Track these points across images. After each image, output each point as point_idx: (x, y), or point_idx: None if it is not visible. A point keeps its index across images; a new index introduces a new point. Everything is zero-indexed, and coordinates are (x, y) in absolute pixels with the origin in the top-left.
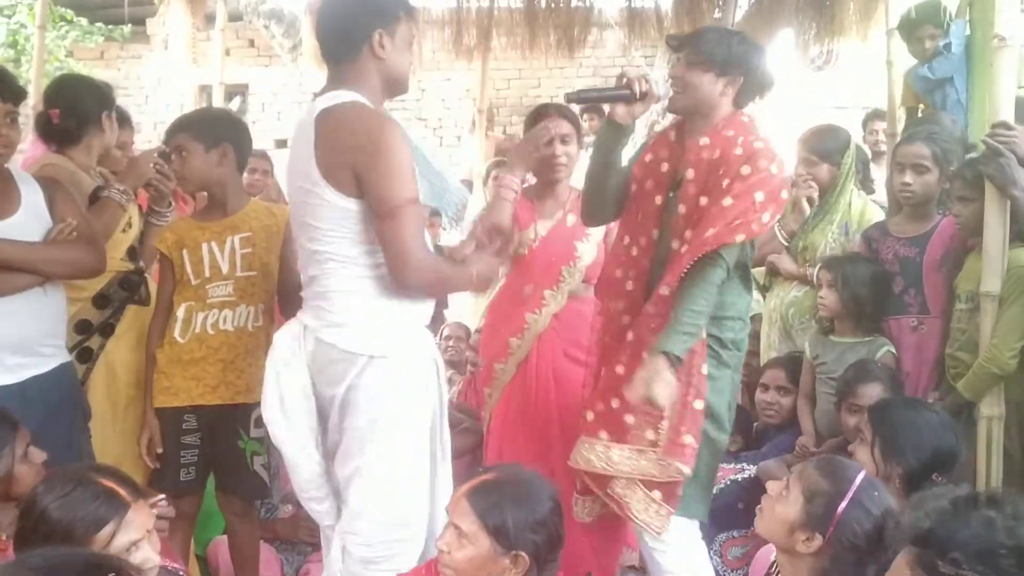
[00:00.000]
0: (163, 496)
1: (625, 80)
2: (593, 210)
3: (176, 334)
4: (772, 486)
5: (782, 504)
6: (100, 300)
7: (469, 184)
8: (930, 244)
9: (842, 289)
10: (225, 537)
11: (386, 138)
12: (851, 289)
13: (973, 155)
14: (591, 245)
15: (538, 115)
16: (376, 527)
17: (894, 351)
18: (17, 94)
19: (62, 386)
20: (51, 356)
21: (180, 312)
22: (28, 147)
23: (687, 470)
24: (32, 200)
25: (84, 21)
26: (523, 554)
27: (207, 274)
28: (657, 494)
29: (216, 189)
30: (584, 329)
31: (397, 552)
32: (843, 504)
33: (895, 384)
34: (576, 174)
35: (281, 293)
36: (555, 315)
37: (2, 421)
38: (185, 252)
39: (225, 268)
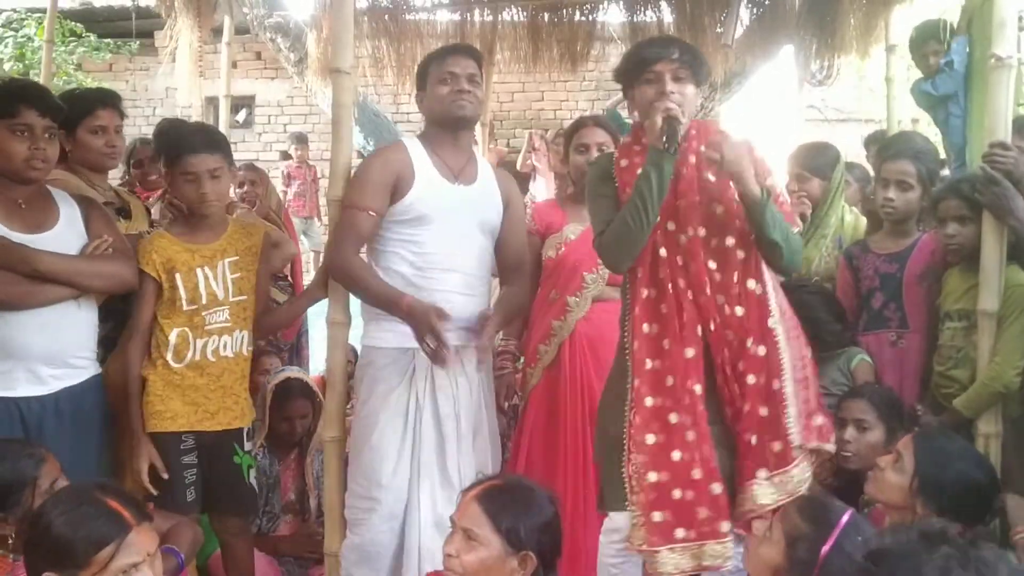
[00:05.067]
0: None
1: (669, 114)
2: (635, 254)
3: (169, 358)
4: (757, 525)
5: (765, 546)
6: (101, 314)
7: None
8: (910, 260)
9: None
10: None
11: (367, 157)
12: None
13: (968, 174)
14: None
15: (576, 128)
16: (349, 494)
17: (868, 359)
18: (56, 109)
19: (93, 398)
20: (83, 368)
21: (172, 337)
22: None
23: (830, 446)
24: (69, 216)
25: (93, 37)
26: (531, 554)
27: (203, 301)
28: None
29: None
30: (614, 332)
31: (363, 519)
32: (826, 548)
33: (890, 404)
34: None
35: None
36: (582, 319)
37: (27, 456)
38: (178, 276)
39: (221, 294)
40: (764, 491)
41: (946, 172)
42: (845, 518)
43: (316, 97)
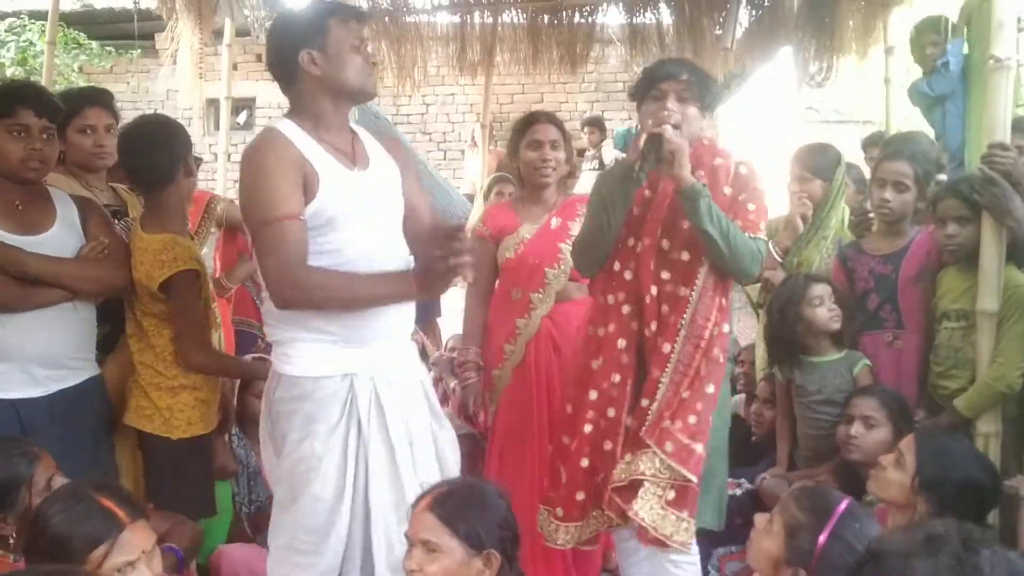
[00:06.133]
0: None
1: (649, 136)
2: (600, 260)
3: None
4: (759, 519)
5: (767, 538)
6: (98, 316)
7: (471, 197)
8: (905, 260)
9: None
10: (227, 546)
11: (251, 159)
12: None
13: (968, 175)
14: None
15: (527, 122)
16: (275, 537)
17: (870, 364)
18: (53, 109)
19: (90, 400)
20: (80, 370)
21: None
22: None
23: (660, 454)
24: (67, 217)
25: (95, 45)
26: (494, 552)
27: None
28: (672, 496)
29: None
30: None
31: (298, 574)
32: (823, 537)
33: (899, 405)
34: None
35: None
36: (546, 318)
37: (21, 455)
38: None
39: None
40: (619, 472)
41: (943, 177)
42: (842, 506)
43: None
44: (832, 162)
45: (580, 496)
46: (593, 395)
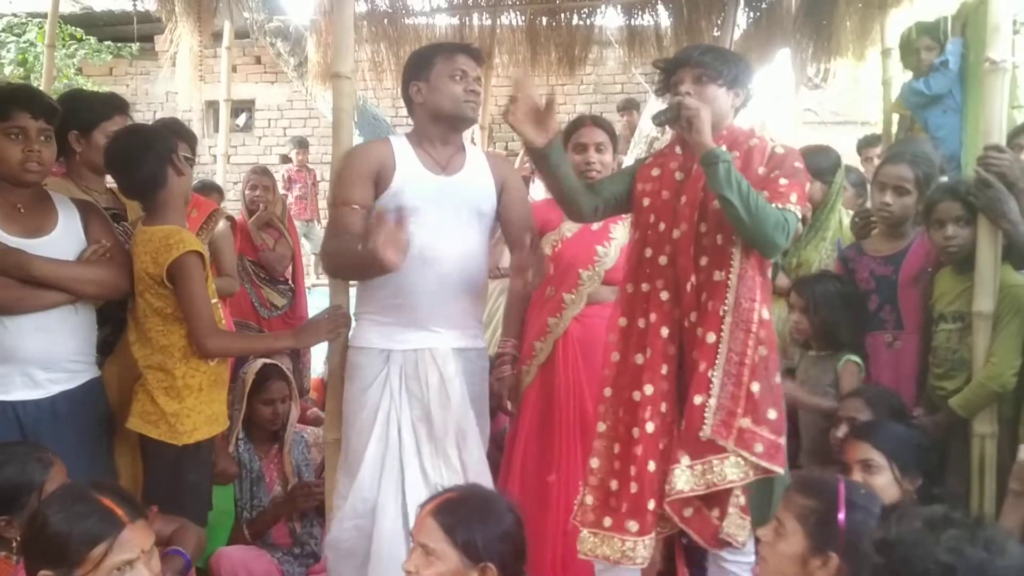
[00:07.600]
0: None
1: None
2: (577, 209)
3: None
4: (763, 532)
5: (783, 542)
6: (98, 318)
7: None
8: (905, 261)
9: (813, 313)
10: (226, 548)
11: (346, 154)
12: (822, 312)
13: (966, 177)
14: (613, 248)
15: (574, 125)
16: (340, 502)
17: (856, 360)
18: (49, 111)
19: (91, 402)
20: (80, 372)
21: None
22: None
23: (752, 458)
24: (68, 221)
25: (93, 40)
26: (491, 565)
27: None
28: (743, 501)
29: None
30: (605, 336)
31: (336, 516)
32: (842, 513)
33: (890, 404)
34: None
35: None
36: (576, 319)
37: (36, 460)
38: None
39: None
40: (682, 477)
41: (944, 178)
42: (842, 483)
43: (316, 101)
44: (832, 164)
45: (651, 504)
46: (649, 390)
